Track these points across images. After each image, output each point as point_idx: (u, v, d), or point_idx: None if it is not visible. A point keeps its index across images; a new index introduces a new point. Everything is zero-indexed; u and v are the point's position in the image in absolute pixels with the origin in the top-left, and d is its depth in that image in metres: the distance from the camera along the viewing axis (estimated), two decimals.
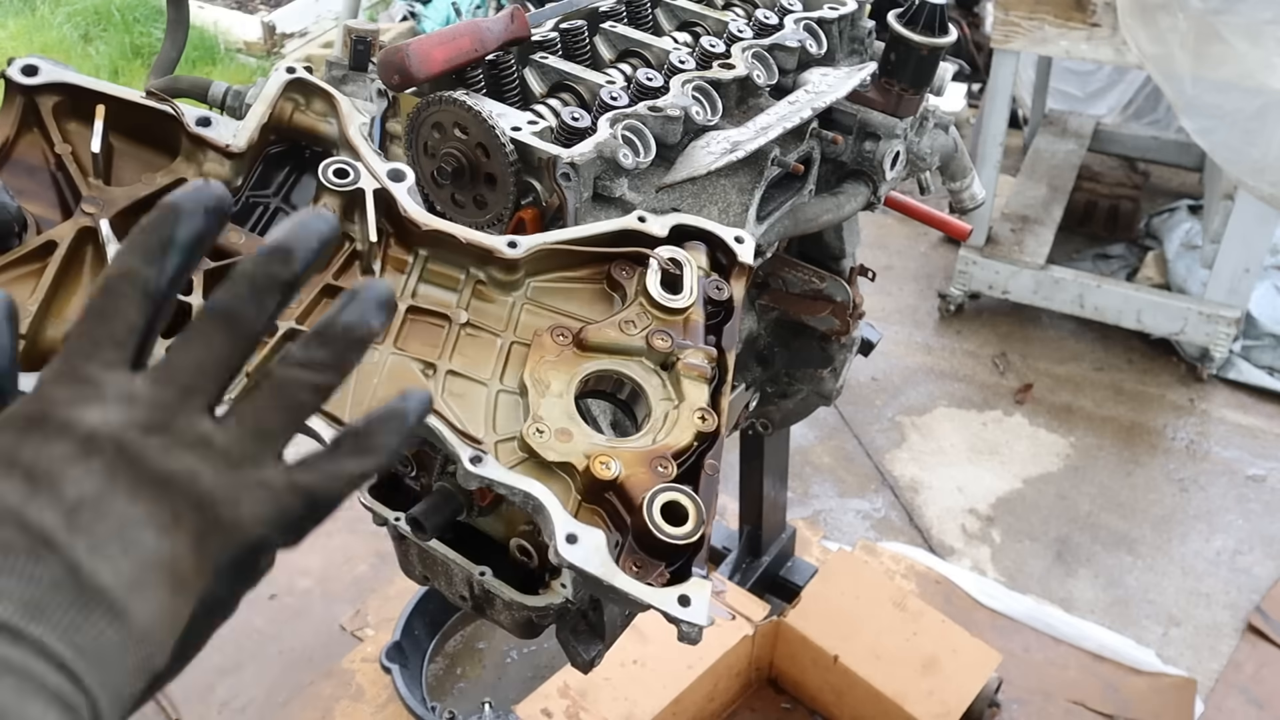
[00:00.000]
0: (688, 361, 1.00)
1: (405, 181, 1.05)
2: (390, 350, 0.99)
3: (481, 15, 4.33)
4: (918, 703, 2.38)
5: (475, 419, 0.96)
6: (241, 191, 1.07)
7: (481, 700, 2.62)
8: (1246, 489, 3.41)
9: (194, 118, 1.05)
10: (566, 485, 0.93)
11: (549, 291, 1.07)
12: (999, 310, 4.06)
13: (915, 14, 1.47)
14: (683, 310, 1.03)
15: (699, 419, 0.96)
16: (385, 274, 1.04)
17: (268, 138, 1.10)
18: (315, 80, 1.10)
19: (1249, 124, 3.07)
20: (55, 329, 0.95)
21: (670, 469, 0.93)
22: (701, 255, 1.08)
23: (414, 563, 1.61)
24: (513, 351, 1.02)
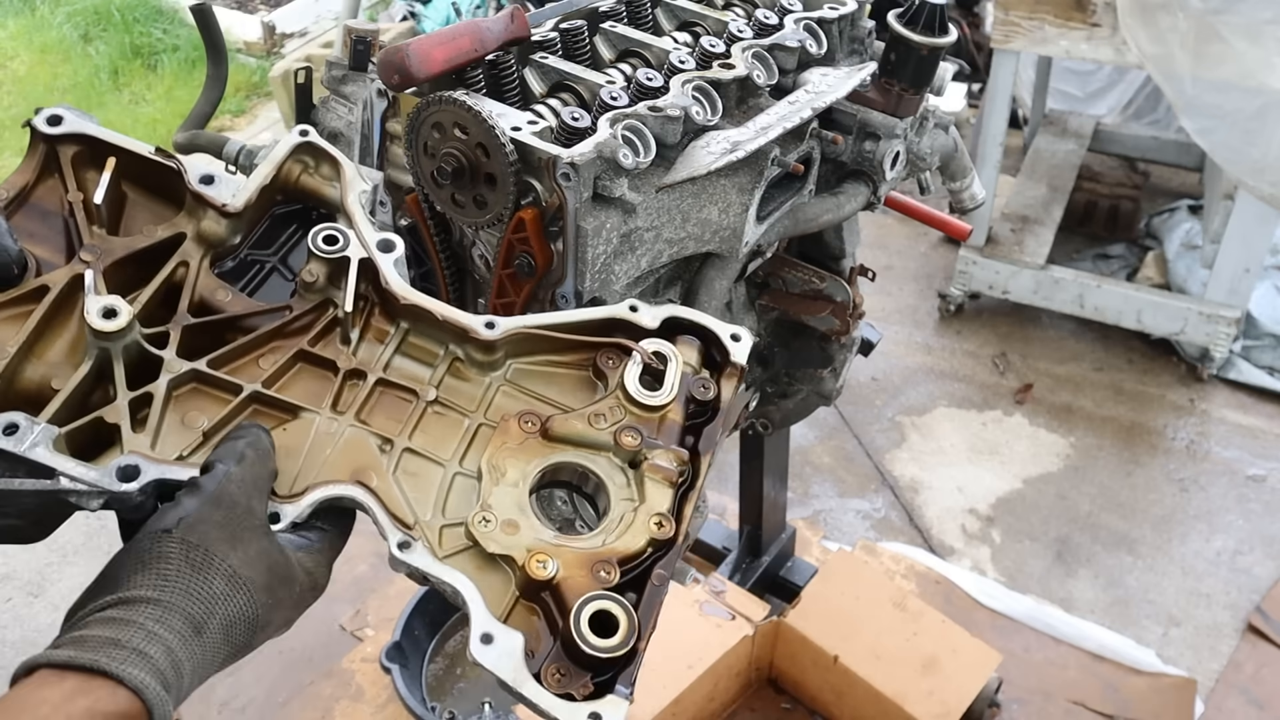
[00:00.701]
0: (654, 463, 0.97)
1: (394, 253, 1.05)
2: (351, 422, 0.98)
3: (481, 15, 4.33)
4: (918, 703, 2.38)
5: (425, 500, 0.95)
6: (240, 249, 1.08)
7: (481, 700, 2.62)
8: (1246, 489, 3.40)
9: (198, 175, 1.06)
10: (507, 579, 0.91)
11: (530, 374, 1.05)
12: (999, 310, 4.06)
13: (915, 14, 1.47)
14: (659, 408, 0.99)
15: (655, 525, 0.93)
16: (364, 343, 1.04)
17: (274, 197, 1.11)
18: (324, 145, 1.10)
19: (1249, 124, 3.07)
20: (35, 370, 0.96)
21: (613, 575, 0.89)
22: (693, 351, 1.04)
23: None
24: (479, 434, 1.00)
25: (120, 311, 0.94)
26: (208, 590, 0.82)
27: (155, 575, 0.82)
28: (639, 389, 1.00)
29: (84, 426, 0.93)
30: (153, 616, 0.79)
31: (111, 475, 0.88)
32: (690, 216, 1.35)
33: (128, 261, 1.03)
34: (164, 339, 0.99)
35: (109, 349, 0.95)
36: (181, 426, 0.96)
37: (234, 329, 1.02)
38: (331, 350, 1.03)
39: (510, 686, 0.83)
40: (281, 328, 1.03)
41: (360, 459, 0.96)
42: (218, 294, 1.04)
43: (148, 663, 0.77)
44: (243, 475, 0.89)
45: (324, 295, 1.04)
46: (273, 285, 1.09)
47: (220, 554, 0.84)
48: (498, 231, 1.27)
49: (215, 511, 0.86)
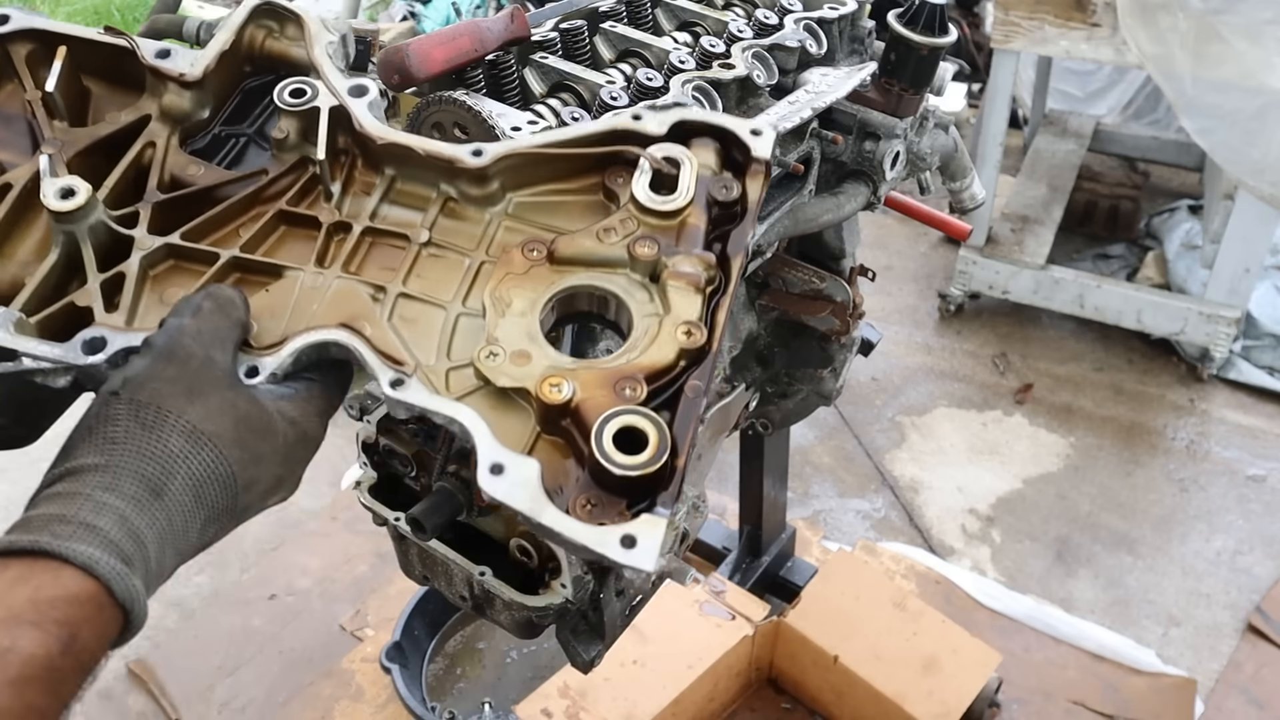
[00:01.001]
0: (676, 269, 0.87)
1: (367, 96, 0.98)
2: (337, 275, 0.92)
3: (481, 15, 4.33)
4: (918, 703, 2.38)
5: (427, 344, 0.88)
6: (211, 125, 1.02)
7: (481, 700, 2.62)
8: (1246, 489, 3.40)
9: (153, 50, 1.00)
10: (526, 416, 0.82)
11: (534, 207, 0.96)
12: (999, 310, 4.06)
13: (915, 14, 1.47)
14: (675, 213, 0.89)
15: (683, 334, 0.83)
16: (349, 197, 0.97)
17: (241, 68, 1.04)
18: (284, 4, 1.04)
19: (1249, 124, 3.07)
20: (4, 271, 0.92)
21: (639, 391, 0.80)
22: (710, 154, 0.93)
23: (414, 563, 1.61)
24: (482, 271, 0.92)
25: (78, 190, 0.89)
26: (163, 449, 0.75)
27: (101, 439, 0.75)
28: (650, 195, 0.90)
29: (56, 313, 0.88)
30: (100, 484, 0.72)
31: (76, 349, 0.84)
32: None
33: (93, 150, 0.98)
34: (134, 219, 0.94)
35: (74, 231, 0.90)
36: (160, 305, 0.90)
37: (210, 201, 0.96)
38: (315, 208, 0.97)
39: (527, 516, 0.75)
40: (259, 192, 0.97)
41: (350, 309, 0.90)
42: (189, 169, 0.99)
43: (96, 535, 0.70)
44: (198, 327, 0.82)
45: (300, 153, 0.98)
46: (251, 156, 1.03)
47: (174, 409, 0.77)
48: None
49: (167, 367, 0.79)
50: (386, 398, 0.83)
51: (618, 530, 0.74)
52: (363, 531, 2.97)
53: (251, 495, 0.81)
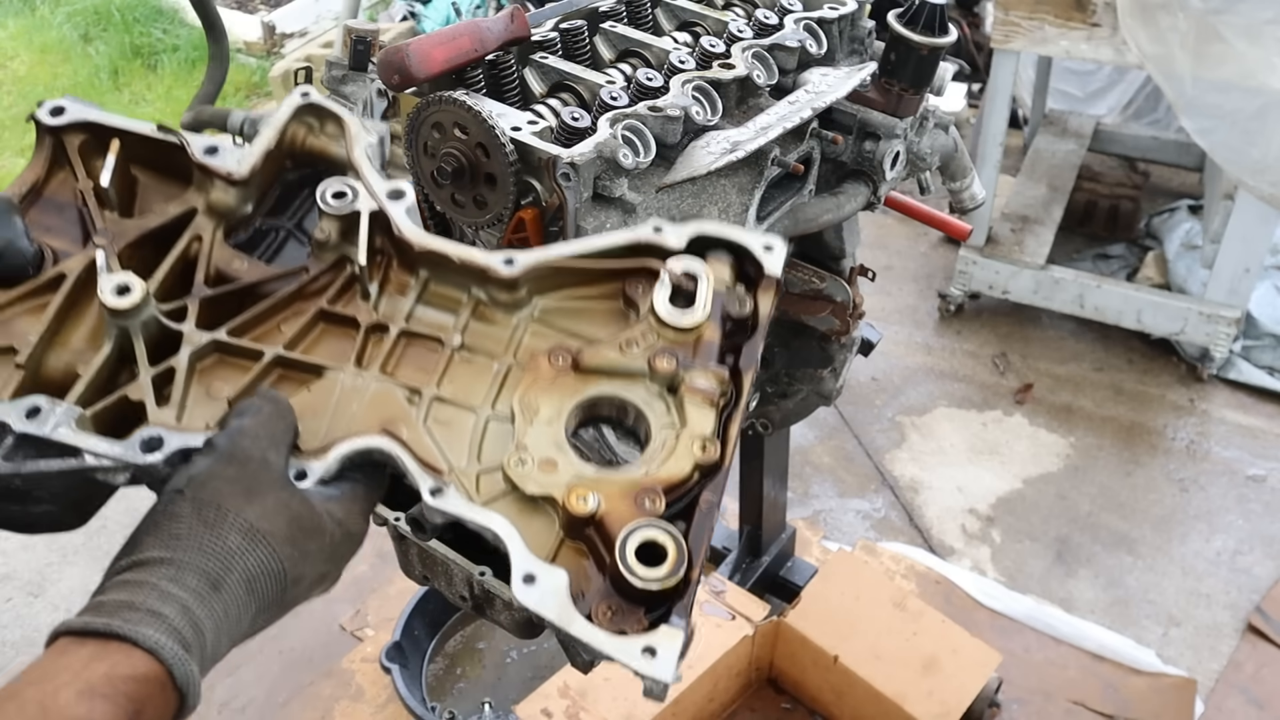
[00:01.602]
0: (692, 385, 0.92)
1: (404, 200, 1.02)
2: (376, 376, 0.96)
3: (481, 15, 4.33)
4: (918, 703, 2.38)
5: (459, 447, 0.92)
6: (253, 219, 1.06)
7: (481, 700, 2.62)
8: (1246, 489, 3.40)
9: (201, 147, 1.04)
10: (551, 521, 0.87)
11: (559, 312, 1.00)
12: (999, 310, 4.06)
13: (915, 14, 1.47)
14: (692, 328, 0.94)
15: (699, 448, 0.89)
16: (385, 297, 1.01)
17: (282, 163, 1.08)
18: (327, 104, 1.08)
19: (1249, 124, 3.07)
20: (58, 358, 0.95)
21: (658, 503, 0.85)
22: (725, 268, 0.98)
23: (414, 563, 1.61)
24: (510, 376, 0.96)
25: (134, 288, 0.93)
26: (222, 545, 0.81)
27: (167, 535, 0.81)
28: (670, 310, 0.94)
29: (110, 406, 0.92)
30: (166, 576, 0.79)
31: (135, 448, 0.87)
32: (690, 216, 1.35)
33: (143, 242, 1.02)
34: (182, 313, 0.97)
35: (127, 326, 0.94)
36: (207, 398, 0.94)
37: (253, 297, 1.00)
38: (352, 307, 1.00)
39: (557, 626, 0.80)
40: (300, 290, 1.00)
41: (388, 411, 0.94)
42: (234, 264, 1.02)
43: (162, 622, 0.77)
44: (256, 429, 0.88)
45: (339, 253, 1.02)
46: (290, 251, 1.06)
47: (234, 508, 0.83)
48: (498, 231, 1.27)
49: (228, 467, 0.85)
50: (426, 506, 0.88)
51: (640, 641, 0.79)
52: None
53: (299, 589, 0.88)
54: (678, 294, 0.96)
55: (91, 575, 0.92)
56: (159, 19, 5.97)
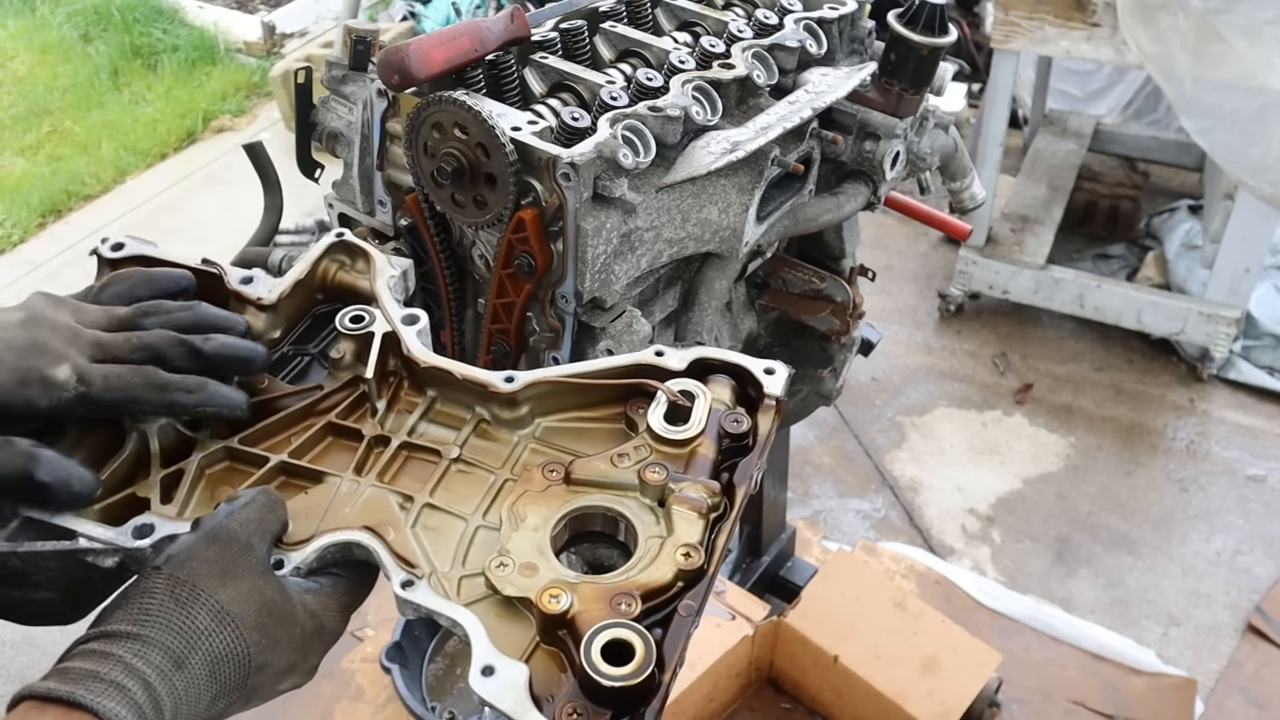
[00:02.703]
0: (682, 495, 0.93)
1: (417, 325, 1.07)
2: (372, 483, 0.99)
3: (481, 15, 4.33)
4: (918, 703, 2.38)
5: (445, 552, 0.94)
6: (280, 344, 1.12)
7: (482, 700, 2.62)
8: (1246, 489, 3.40)
9: (238, 277, 1.11)
10: (528, 625, 0.88)
11: (560, 432, 1.03)
12: (999, 310, 4.06)
13: (915, 14, 1.47)
14: (686, 442, 0.96)
15: (682, 556, 0.88)
16: (392, 414, 1.05)
17: (313, 296, 1.15)
18: (359, 242, 1.14)
19: (1249, 124, 3.07)
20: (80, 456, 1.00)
21: (634, 607, 0.85)
22: (726, 389, 1.01)
23: None
24: (504, 488, 0.99)
25: None
26: (190, 625, 0.82)
27: (137, 610, 0.82)
28: (664, 425, 0.96)
29: (118, 502, 0.96)
30: (131, 650, 0.79)
31: (127, 533, 0.91)
32: (690, 216, 1.35)
33: None
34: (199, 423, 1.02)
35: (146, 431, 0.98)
36: (211, 500, 0.98)
37: (269, 411, 1.05)
38: (360, 422, 1.05)
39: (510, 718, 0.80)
40: (313, 405, 1.05)
41: (379, 515, 0.96)
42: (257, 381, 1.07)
43: (125, 695, 0.77)
44: (246, 516, 0.89)
45: (353, 372, 1.06)
46: (313, 374, 1.13)
47: (207, 589, 0.83)
48: (498, 231, 1.27)
49: (209, 548, 0.85)
50: (397, 596, 0.89)
51: None
52: None
53: (263, 676, 0.87)
54: (675, 413, 0.97)
55: None
56: (159, 19, 5.97)
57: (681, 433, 0.96)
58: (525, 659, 0.85)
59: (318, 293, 1.15)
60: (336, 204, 1.49)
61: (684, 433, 0.96)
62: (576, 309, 1.30)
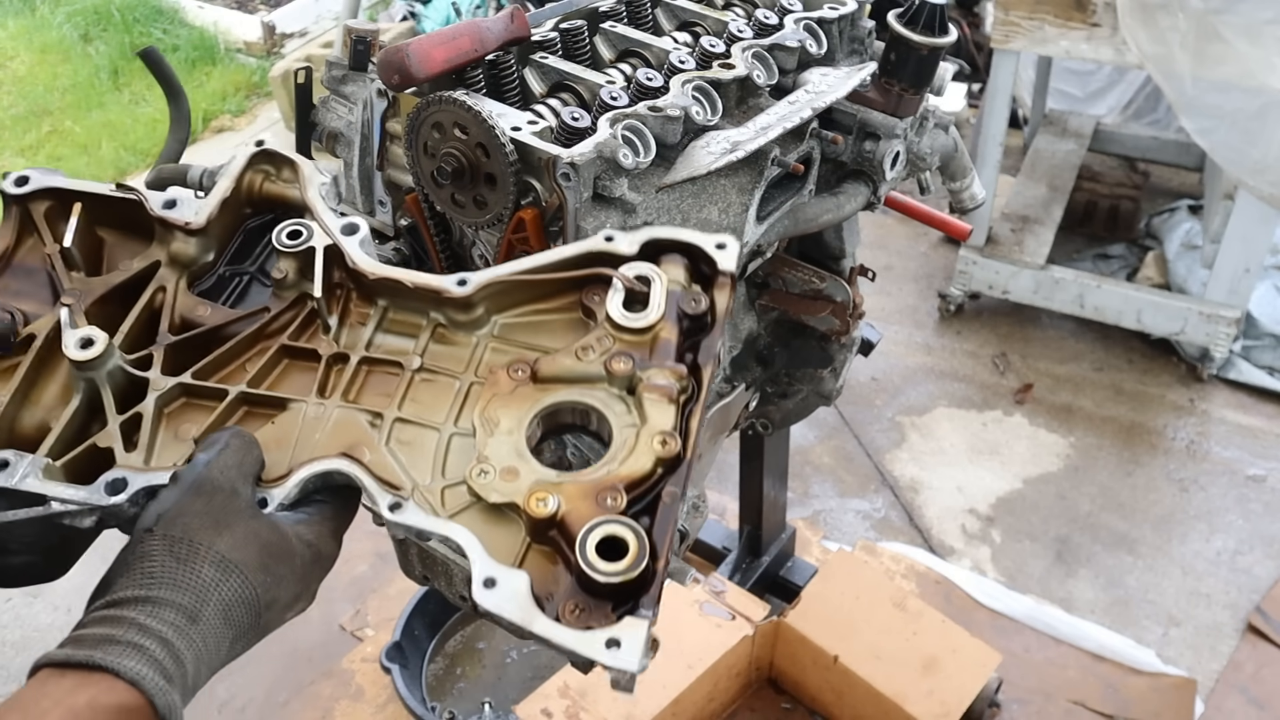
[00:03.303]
0: (651, 382, 0.93)
1: (358, 234, 1.05)
2: (338, 404, 0.98)
3: (481, 15, 4.33)
4: (918, 703, 2.38)
5: (422, 464, 0.93)
6: (216, 266, 1.09)
7: (481, 700, 2.62)
8: (1246, 489, 3.40)
9: (160, 201, 1.08)
10: (517, 529, 0.88)
11: (518, 327, 1.02)
12: (999, 310, 4.06)
13: (915, 14, 1.47)
14: (646, 329, 0.96)
15: (659, 443, 0.89)
16: (345, 329, 1.04)
17: (242, 211, 1.12)
18: (281, 150, 1.11)
19: (1249, 124, 3.07)
20: (32, 416, 0.98)
21: (619, 500, 0.86)
22: (679, 269, 1.00)
23: (414, 563, 1.61)
24: (472, 392, 0.98)
25: (96, 340, 0.96)
26: (197, 579, 0.83)
27: (140, 574, 0.82)
28: (623, 313, 0.96)
29: (79, 456, 0.94)
30: (144, 613, 0.80)
31: (99, 491, 0.90)
32: (690, 216, 1.35)
33: (109, 298, 1.05)
34: (148, 361, 1.00)
35: (93, 378, 0.97)
36: (175, 441, 0.97)
37: (217, 340, 1.03)
38: (314, 341, 1.03)
39: (518, 626, 0.81)
40: (262, 329, 1.03)
41: (351, 436, 0.96)
42: (197, 310, 1.05)
43: (144, 654, 0.78)
44: (224, 462, 0.89)
45: (299, 290, 1.04)
46: (254, 294, 1.10)
47: (205, 541, 0.84)
48: (498, 231, 1.27)
49: (196, 501, 0.86)
50: (386, 520, 0.89)
51: (602, 635, 0.79)
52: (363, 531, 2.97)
53: (273, 612, 0.89)
54: (632, 298, 0.97)
55: (90, 576, 0.92)
56: (159, 19, 5.97)
57: (641, 319, 0.96)
58: (519, 563, 0.86)
59: (245, 207, 1.12)
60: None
61: (644, 319, 0.96)
62: None
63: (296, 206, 1.10)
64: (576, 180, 1.18)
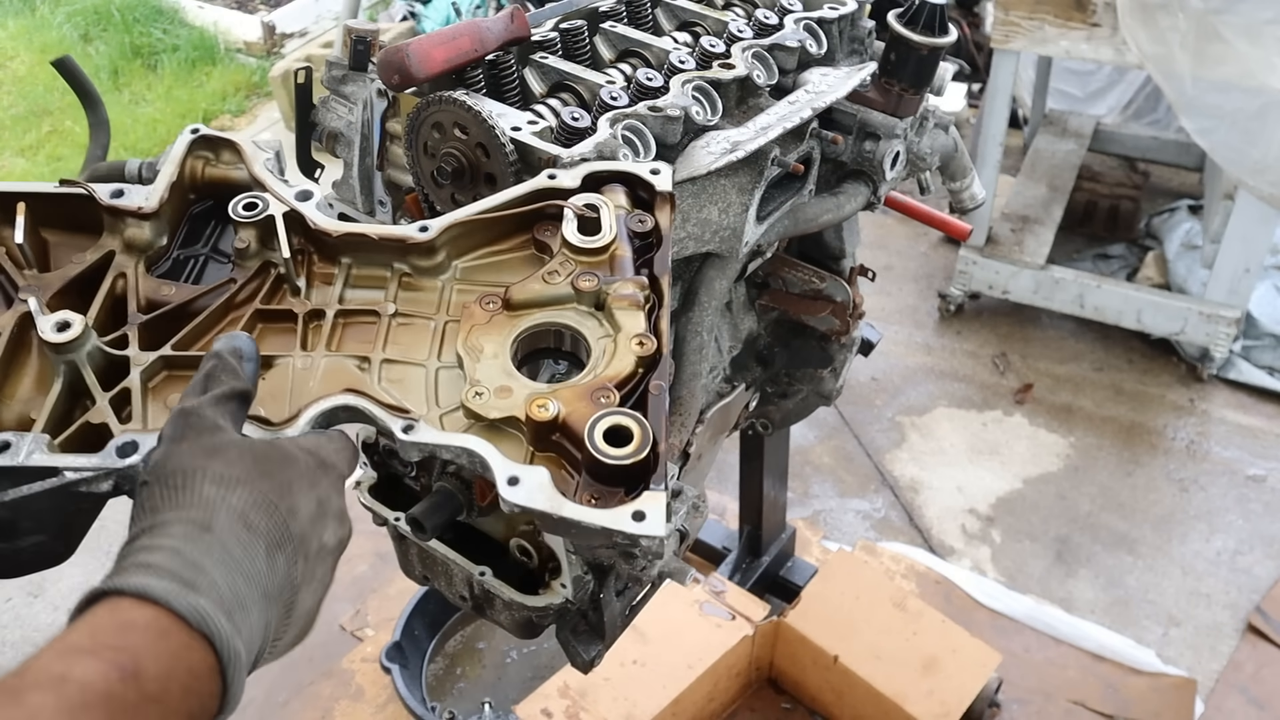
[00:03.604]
0: (618, 294, 1.00)
1: (313, 199, 1.09)
2: (323, 354, 1.02)
3: (481, 15, 4.33)
4: (918, 703, 2.38)
5: (416, 398, 0.98)
6: (170, 250, 1.12)
7: (481, 700, 2.62)
8: (1246, 489, 3.40)
9: (107, 192, 1.09)
10: (518, 440, 0.93)
11: (478, 269, 1.09)
12: (999, 310, 4.06)
13: (915, 14, 1.47)
14: (603, 249, 1.03)
15: (636, 344, 0.97)
16: (314, 290, 1.07)
17: (187, 197, 1.14)
18: (217, 133, 1.14)
19: (1249, 124, 3.07)
20: (9, 411, 0.98)
21: (613, 397, 0.93)
22: (620, 195, 1.09)
23: (414, 563, 1.61)
24: (447, 330, 1.04)
25: (73, 321, 0.97)
26: (199, 497, 0.79)
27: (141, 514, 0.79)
28: (580, 238, 1.04)
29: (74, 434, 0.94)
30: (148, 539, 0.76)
31: (112, 454, 0.90)
32: (690, 216, 1.35)
33: (67, 290, 1.06)
34: (124, 341, 1.01)
35: (74, 360, 0.97)
36: (165, 410, 0.98)
37: (188, 315, 1.05)
38: (286, 303, 1.07)
39: (549, 514, 0.86)
40: (232, 299, 1.06)
41: (345, 380, 0.99)
42: (161, 290, 1.07)
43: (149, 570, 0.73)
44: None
45: (261, 259, 1.08)
46: (212, 271, 1.13)
47: (197, 467, 0.81)
48: None
49: (180, 444, 0.83)
50: (401, 442, 0.93)
51: (627, 509, 0.86)
52: (363, 531, 2.96)
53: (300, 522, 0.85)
54: (584, 226, 1.05)
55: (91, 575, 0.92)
56: (159, 19, 5.97)
57: (598, 240, 1.04)
58: None
59: (190, 192, 1.15)
60: (336, 204, 1.49)
61: (600, 240, 1.03)
62: None
63: (240, 186, 1.13)
64: None
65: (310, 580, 0.86)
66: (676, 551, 1.43)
